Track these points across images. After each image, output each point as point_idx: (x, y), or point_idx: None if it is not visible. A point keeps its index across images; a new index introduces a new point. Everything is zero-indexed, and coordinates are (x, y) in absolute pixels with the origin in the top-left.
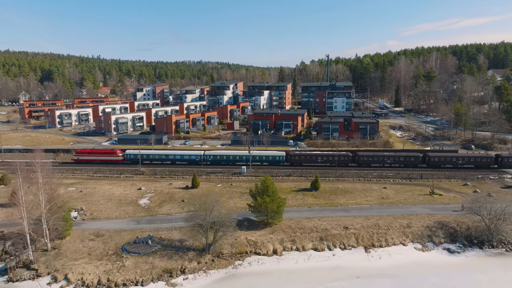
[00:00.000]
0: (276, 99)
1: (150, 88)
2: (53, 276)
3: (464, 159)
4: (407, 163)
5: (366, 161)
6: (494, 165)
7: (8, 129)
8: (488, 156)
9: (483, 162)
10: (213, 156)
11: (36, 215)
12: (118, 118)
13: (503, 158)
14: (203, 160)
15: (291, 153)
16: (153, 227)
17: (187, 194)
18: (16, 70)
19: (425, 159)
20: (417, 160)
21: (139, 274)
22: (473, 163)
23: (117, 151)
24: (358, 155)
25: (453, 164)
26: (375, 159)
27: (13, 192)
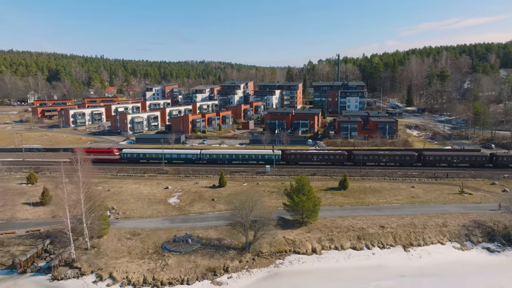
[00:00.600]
0: (287, 99)
1: (160, 88)
2: (97, 274)
3: (459, 158)
4: (403, 162)
5: (361, 160)
6: (489, 164)
7: (23, 129)
8: (483, 155)
9: (478, 161)
10: (209, 155)
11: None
12: (134, 118)
13: (498, 157)
14: (199, 159)
15: (287, 152)
16: (188, 226)
17: (216, 193)
18: (23, 69)
19: (420, 158)
20: (412, 159)
21: (184, 272)
22: (468, 162)
23: (114, 150)
24: (353, 154)
25: (448, 163)
26: (371, 158)
27: (43, 190)
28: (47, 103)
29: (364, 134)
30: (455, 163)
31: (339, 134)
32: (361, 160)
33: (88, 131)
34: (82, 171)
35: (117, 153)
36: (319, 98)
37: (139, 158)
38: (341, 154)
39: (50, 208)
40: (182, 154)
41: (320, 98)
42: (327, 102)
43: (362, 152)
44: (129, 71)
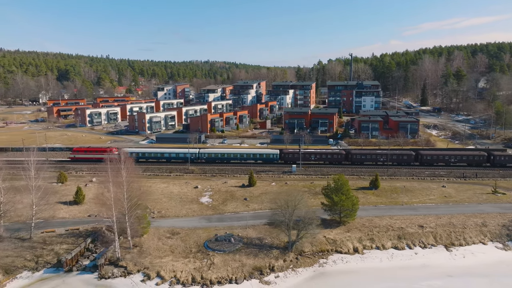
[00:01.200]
0: (301, 98)
1: (171, 88)
2: (144, 273)
3: (457, 157)
4: (400, 161)
5: (359, 159)
6: (487, 163)
7: (40, 128)
8: (481, 154)
9: (475, 160)
10: (208, 154)
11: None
12: (152, 117)
13: (495, 156)
14: (197, 158)
15: (285, 151)
16: (225, 225)
17: (247, 193)
18: (33, 69)
19: (417, 157)
20: (410, 158)
21: (231, 272)
22: (466, 161)
23: (113, 149)
24: (351, 153)
25: (445, 162)
26: (368, 157)
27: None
28: (60, 102)
29: (386, 134)
30: (452, 162)
31: (360, 134)
32: (359, 159)
33: (105, 130)
34: (125, 169)
35: (116, 152)
36: (333, 98)
37: (138, 158)
38: (339, 154)
39: (85, 207)
40: (181, 153)
41: (334, 98)
42: (342, 101)
43: (360, 152)
44: (137, 71)
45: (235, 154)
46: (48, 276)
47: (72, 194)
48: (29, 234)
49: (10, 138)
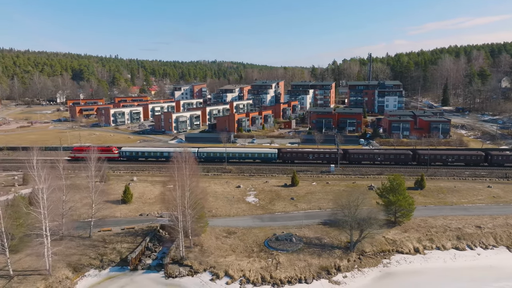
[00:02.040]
0: (320, 98)
1: (188, 87)
2: (212, 272)
3: (454, 156)
4: (398, 161)
5: (356, 159)
6: (484, 162)
7: (65, 128)
8: (478, 153)
9: (472, 160)
10: (207, 153)
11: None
12: (178, 117)
13: (493, 156)
14: (197, 157)
15: (283, 150)
16: (279, 224)
17: (292, 193)
18: (48, 69)
19: (415, 156)
20: (407, 158)
21: (298, 271)
22: (463, 161)
23: (113, 148)
24: (348, 153)
25: (442, 161)
26: (365, 156)
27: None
28: (80, 102)
29: (417, 134)
30: (450, 161)
31: (390, 134)
32: (356, 158)
33: (131, 130)
34: (187, 169)
35: (116, 151)
36: (354, 98)
37: (137, 157)
38: (335, 153)
39: (134, 206)
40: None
41: (355, 98)
42: (363, 101)
43: (357, 151)
44: (149, 71)
45: (233, 154)
46: (115, 275)
47: (117, 193)
48: (89, 232)
49: (39, 138)
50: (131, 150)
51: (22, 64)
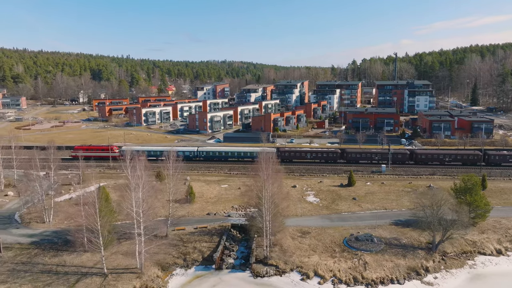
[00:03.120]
0: (347, 98)
1: (210, 87)
2: (300, 272)
3: (451, 156)
4: (395, 160)
5: (354, 158)
6: (482, 162)
7: (97, 127)
8: (475, 153)
9: (470, 160)
10: (206, 152)
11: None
12: (213, 117)
13: (490, 155)
14: (196, 156)
15: (281, 150)
16: (350, 224)
17: (352, 192)
18: (68, 69)
19: (412, 156)
20: (405, 157)
21: (388, 272)
22: (460, 160)
23: (114, 147)
24: (346, 152)
25: (440, 161)
26: (363, 155)
27: (188, 188)
28: (105, 102)
29: (456, 134)
30: (447, 161)
31: (431, 134)
32: (354, 158)
33: (163, 129)
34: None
35: (117, 150)
36: (383, 98)
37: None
38: (335, 152)
39: (198, 206)
40: (180, 151)
41: (384, 97)
42: (392, 101)
43: (354, 151)
44: (164, 71)
45: (232, 153)
46: (201, 274)
47: (177, 193)
48: (166, 232)
49: (77, 137)
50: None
51: (43, 64)
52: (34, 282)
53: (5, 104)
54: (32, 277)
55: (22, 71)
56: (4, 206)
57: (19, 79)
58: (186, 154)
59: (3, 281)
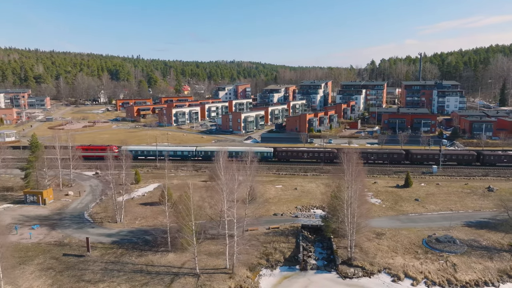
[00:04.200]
0: (373, 98)
1: (232, 88)
2: (389, 273)
3: (446, 156)
4: (391, 160)
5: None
6: (477, 162)
7: (128, 127)
8: (470, 153)
9: (465, 160)
10: (204, 152)
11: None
12: (247, 117)
13: (485, 155)
14: (195, 156)
15: (278, 149)
16: (422, 225)
17: (412, 194)
18: (87, 70)
19: (408, 156)
20: (400, 157)
21: (479, 274)
22: (455, 160)
23: (113, 147)
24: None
25: (435, 161)
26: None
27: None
28: (129, 102)
29: (498, 134)
30: (442, 161)
31: (471, 135)
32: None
33: (195, 129)
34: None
35: (116, 150)
36: (411, 98)
37: (137, 155)
38: (331, 152)
39: (261, 206)
40: (178, 151)
41: (412, 98)
42: (420, 101)
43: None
44: (178, 71)
45: (230, 152)
46: (288, 274)
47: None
48: (241, 232)
49: (113, 137)
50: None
51: (62, 64)
52: (130, 282)
53: (30, 104)
54: (126, 276)
55: (42, 71)
56: (69, 205)
57: (41, 79)
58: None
59: (100, 280)
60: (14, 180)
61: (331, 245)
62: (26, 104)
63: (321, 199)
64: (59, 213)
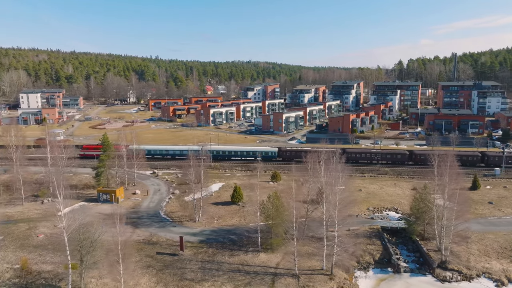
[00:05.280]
0: (407, 99)
1: (261, 88)
2: (490, 278)
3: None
4: (396, 160)
5: (354, 158)
6: (481, 163)
7: (167, 127)
8: (475, 154)
9: (469, 161)
10: (209, 151)
11: None
12: (288, 117)
13: (489, 156)
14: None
15: (282, 149)
16: (508, 229)
17: (484, 196)
18: (114, 70)
19: (411, 156)
20: (404, 158)
21: None
22: (459, 161)
23: (121, 147)
24: (346, 152)
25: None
26: (363, 155)
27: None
28: (161, 102)
29: None
30: None
31: None
32: (354, 157)
33: (234, 129)
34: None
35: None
36: (448, 99)
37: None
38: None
39: None
40: (185, 150)
41: (450, 99)
42: (459, 102)
43: (356, 151)
44: (200, 71)
45: (235, 152)
46: (383, 277)
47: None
48: (324, 233)
49: (157, 137)
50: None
51: (89, 65)
52: (233, 281)
53: (65, 104)
54: (227, 276)
55: (72, 71)
56: (142, 204)
57: (72, 79)
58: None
59: (203, 279)
60: (76, 178)
61: (418, 247)
62: (61, 103)
63: (390, 201)
64: (135, 212)
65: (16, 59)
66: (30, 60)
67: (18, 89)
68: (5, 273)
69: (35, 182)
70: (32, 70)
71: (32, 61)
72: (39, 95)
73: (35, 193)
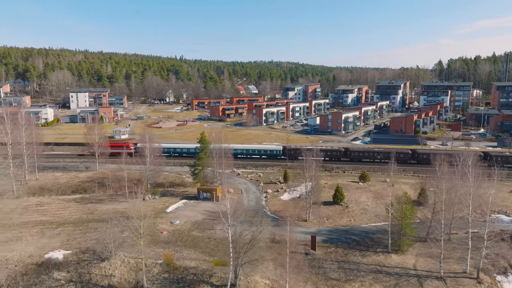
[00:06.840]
0: (458, 100)
1: (301, 88)
2: None
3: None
4: (397, 159)
5: (357, 156)
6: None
7: (220, 126)
8: (477, 154)
9: None
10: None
11: None
12: (346, 117)
13: (492, 156)
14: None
15: (287, 148)
16: None
17: None
18: (150, 70)
19: (414, 155)
20: (406, 157)
21: None
22: None
23: (130, 144)
24: (349, 151)
25: None
26: (366, 154)
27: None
28: (204, 102)
29: None
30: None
31: None
32: (357, 156)
33: (288, 129)
34: None
35: (132, 147)
36: (505, 99)
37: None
38: (338, 151)
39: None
40: (191, 148)
41: (507, 99)
42: None
43: (358, 149)
44: (230, 71)
45: (241, 150)
46: None
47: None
48: (448, 236)
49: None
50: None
51: (126, 65)
52: (380, 282)
53: (110, 103)
54: (371, 276)
55: (111, 71)
56: (241, 203)
57: (113, 79)
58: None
59: (349, 279)
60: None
61: None
62: (107, 103)
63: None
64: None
65: (57, 59)
66: (71, 60)
67: (62, 88)
68: (153, 268)
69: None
70: (75, 70)
71: (73, 61)
72: (87, 94)
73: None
